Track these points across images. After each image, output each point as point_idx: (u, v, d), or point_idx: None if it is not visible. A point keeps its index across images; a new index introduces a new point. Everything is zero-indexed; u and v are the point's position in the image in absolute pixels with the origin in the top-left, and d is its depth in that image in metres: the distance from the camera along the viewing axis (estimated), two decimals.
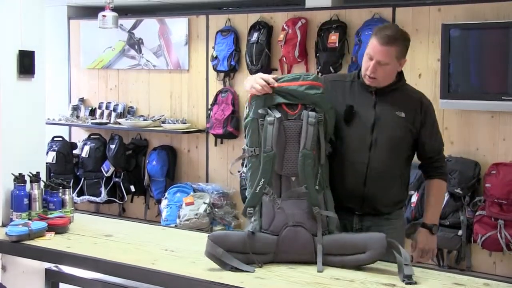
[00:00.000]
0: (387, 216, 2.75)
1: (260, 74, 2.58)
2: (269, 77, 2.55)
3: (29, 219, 3.04)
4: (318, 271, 2.42)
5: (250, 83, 2.57)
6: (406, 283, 2.31)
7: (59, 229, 2.99)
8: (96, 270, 2.81)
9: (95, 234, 3.02)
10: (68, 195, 3.21)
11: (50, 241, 2.88)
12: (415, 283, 2.31)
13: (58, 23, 7.17)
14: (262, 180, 2.51)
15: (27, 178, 3.14)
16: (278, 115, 2.51)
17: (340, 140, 2.70)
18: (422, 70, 5.19)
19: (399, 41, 2.63)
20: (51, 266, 3.26)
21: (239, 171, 2.74)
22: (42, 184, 3.18)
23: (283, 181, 2.55)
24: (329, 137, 2.64)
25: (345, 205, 2.70)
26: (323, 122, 2.55)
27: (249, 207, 2.54)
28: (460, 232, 4.87)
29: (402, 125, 2.69)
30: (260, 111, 2.53)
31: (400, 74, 2.75)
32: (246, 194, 2.61)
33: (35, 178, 3.14)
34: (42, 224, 2.94)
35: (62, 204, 3.18)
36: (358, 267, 2.47)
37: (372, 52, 2.63)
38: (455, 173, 4.88)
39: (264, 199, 2.54)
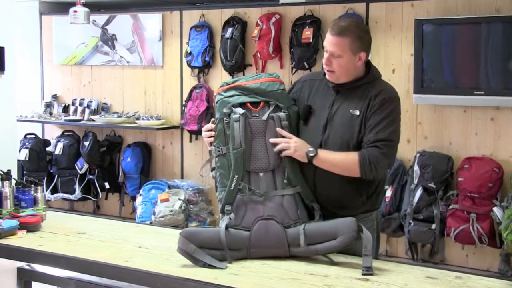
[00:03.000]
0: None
1: (203, 133, 2.70)
2: (206, 127, 2.69)
3: (0, 218, 2.99)
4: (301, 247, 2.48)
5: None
6: (363, 274, 2.33)
7: (31, 227, 2.95)
8: (69, 268, 2.78)
9: (68, 232, 2.98)
10: (41, 193, 3.17)
11: (22, 240, 2.84)
12: (372, 274, 2.33)
13: (30, 19, 7.08)
14: (236, 176, 2.54)
15: None
16: (242, 111, 2.57)
17: None
18: (396, 65, 5.22)
19: (352, 32, 2.54)
20: (23, 265, 3.22)
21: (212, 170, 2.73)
22: (13, 181, 3.14)
23: (252, 177, 2.58)
24: (294, 131, 2.65)
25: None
26: (287, 116, 2.61)
27: (227, 205, 2.55)
28: (433, 226, 4.92)
29: (354, 123, 2.57)
30: (225, 110, 2.60)
31: (368, 71, 2.64)
32: (217, 194, 2.63)
33: (6, 175, 3.10)
34: (14, 223, 2.89)
35: (34, 202, 3.13)
36: (331, 262, 2.48)
37: (326, 43, 2.60)
38: (429, 168, 4.92)
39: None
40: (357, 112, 2.57)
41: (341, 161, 2.56)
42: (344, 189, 2.61)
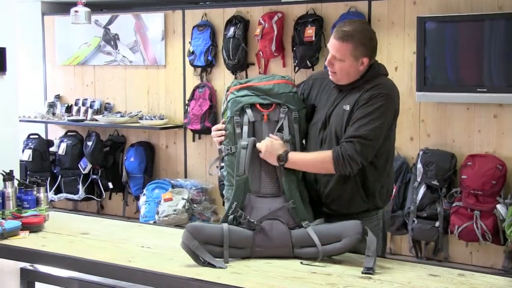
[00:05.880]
0: (356, 218, 2.57)
1: (213, 133, 2.70)
2: (216, 127, 2.69)
3: (2, 218, 3.00)
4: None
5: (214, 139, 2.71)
6: (363, 273, 2.33)
7: (34, 227, 2.96)
8: (72, 269, 2.79)
9: (71, 232, 2.98)
10: (43, 193, 3.17)
11: (24, 240, 2.84)
12: (372, 273, 2.33)
13: (32, 19, 7.09)
14: (235, 203, 2.55)
15: (0, 177, 3.09)
16: (252, 119, 2.59)
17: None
18: (399, 63, 5.21)
19: (354, 38, 2.53)
20: (27, 265, 3.23)
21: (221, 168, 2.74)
22: (16, 182, 3.14)
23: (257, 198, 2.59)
24: (303, 135, 2.68)
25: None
26: (298, 119, 2.62)
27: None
28: (437, 224, 4.92)
29: (344, 118, 2.57)
30: (236, 109, 2.61)
31: (369, 70, 2.63)
32: (224, 192, 2.63)
33: (9, 176, 3.10)
34: (16, 223, 2.90)
35: (37, 202, 3.14)
36: (334, 261, 2.47)
37: (329, 46, 2.61)
38: (432, 165, 4.91)
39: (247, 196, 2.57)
40: (348, 107, 2.57)
41: (313, 160, 2.58)
42: (344, 186, 2.59)
